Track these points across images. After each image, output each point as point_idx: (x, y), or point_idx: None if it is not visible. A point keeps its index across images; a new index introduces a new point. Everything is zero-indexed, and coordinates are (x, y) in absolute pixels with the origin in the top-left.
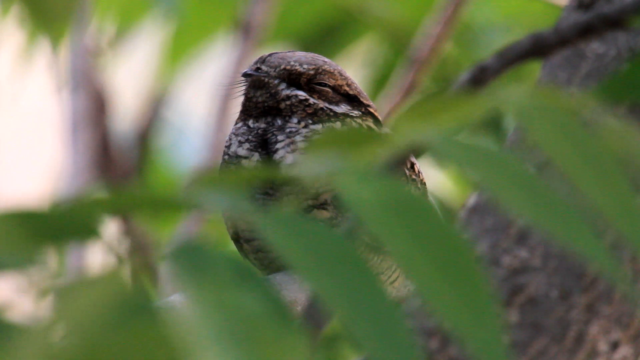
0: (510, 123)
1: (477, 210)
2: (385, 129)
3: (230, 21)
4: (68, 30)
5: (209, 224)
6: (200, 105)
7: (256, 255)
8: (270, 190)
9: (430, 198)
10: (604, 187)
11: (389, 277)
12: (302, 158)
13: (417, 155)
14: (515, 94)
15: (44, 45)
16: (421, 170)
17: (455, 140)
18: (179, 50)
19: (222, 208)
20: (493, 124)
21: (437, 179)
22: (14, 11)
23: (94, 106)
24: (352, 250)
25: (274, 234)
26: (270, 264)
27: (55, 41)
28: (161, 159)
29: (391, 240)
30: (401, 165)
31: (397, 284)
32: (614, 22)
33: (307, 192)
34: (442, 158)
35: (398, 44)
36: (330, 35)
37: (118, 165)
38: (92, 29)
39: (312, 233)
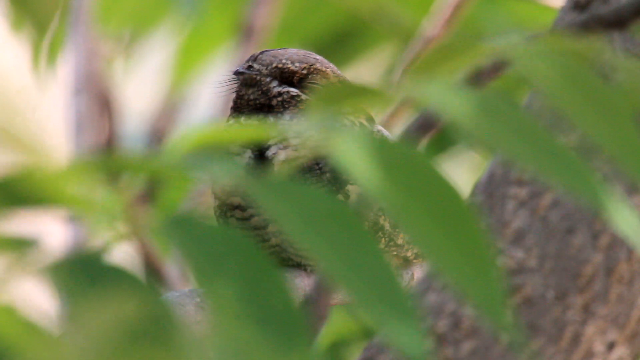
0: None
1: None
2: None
3: (233, 25)
4: (50, 27)
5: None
6: (212, 107)
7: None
8: (263, 154)
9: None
10: (612, 132)
11: (390, 239)
12: (297, 118)
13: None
14: (519, 42)
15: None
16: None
17: (454, 93)
18: (192, 54)
19: (215, 175)
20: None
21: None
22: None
23: (98, 108)
24: (350, 214)
25: (268, 201)
26: (263, 245)
27: (39, 37)
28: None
29: (387, 197)
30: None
31: (400, 247)
32: (609, 23)
33: (302, 155)
34: (440, 112)
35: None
36: (343, 42)
37: None
38: (102, 33)
39: (307, 198)
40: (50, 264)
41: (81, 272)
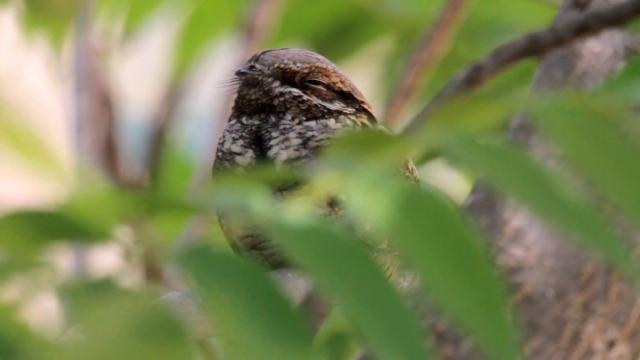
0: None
1: (473, 209)
2: (382, 126)
3: (235, 21)
4: (68, 29)
5: (212, 225)
6: (213, 100)
7: (264, 257)
8: (281, 191)
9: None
10: (631, 191)
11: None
12: (318, 160)
13: (433, 157)
14: (537, 97)
15: (45, 44)
16: (414, 167)
17: (473, 144)
18: (191, 45)
19: (237, 209)
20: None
21: (441, 178)
22: (13, 7)
23: (99, 106)
24: (364, 252)
25: (287, 236)
26: (278, 264)
27: (55, 40)
28: (178, 152)
29: (404, 242)
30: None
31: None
32: (609, 21)
33: (319, 194)
34: (460, 161)
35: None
36: (344, 34)
37: (123, 165)
38: (97, 28)
39: (325, 236)
40: (69, 286)
41: (95, 293)
